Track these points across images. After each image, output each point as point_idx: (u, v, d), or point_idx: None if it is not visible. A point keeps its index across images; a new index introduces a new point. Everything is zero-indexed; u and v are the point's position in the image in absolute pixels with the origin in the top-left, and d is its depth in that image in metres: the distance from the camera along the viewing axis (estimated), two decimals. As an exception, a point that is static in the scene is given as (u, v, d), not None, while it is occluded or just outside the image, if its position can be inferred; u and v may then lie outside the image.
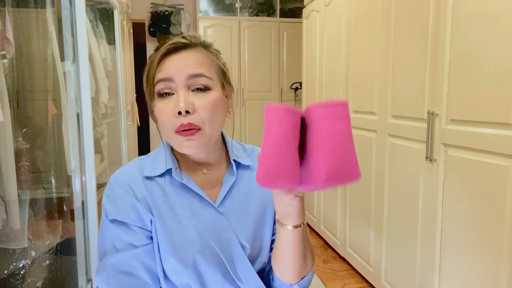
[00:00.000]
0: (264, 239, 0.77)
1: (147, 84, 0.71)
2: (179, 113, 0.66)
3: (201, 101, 0.67)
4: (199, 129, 0.67)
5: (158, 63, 0.69)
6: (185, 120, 0.66)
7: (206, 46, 0.73)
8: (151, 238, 0.72)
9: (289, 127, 0.52)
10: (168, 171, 0.74)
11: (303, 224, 0.66)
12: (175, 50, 0.69)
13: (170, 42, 0.70)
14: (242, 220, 0.76)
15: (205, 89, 0.69)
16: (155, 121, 0.72)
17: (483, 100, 1.32)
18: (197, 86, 0.68)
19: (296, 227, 0.65)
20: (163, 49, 0.69)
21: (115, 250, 0.69)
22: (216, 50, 0.75)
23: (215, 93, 0.70)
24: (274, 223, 0.79)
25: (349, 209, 2.43)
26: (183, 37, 0.71)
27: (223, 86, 0.73)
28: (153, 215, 0.71)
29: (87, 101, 1.77)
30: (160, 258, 0.71)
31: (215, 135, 0.72)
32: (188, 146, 0.68)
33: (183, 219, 0.72)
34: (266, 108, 0.53)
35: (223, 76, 0.74)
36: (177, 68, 0.68)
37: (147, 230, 0.71)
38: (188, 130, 0.67)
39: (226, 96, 0.74)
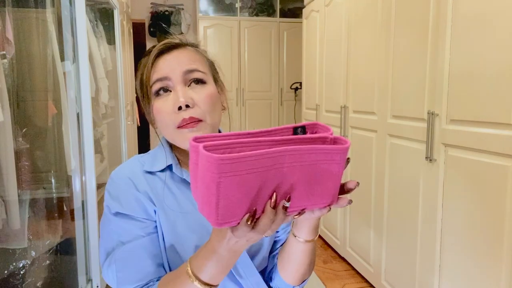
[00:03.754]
0: None
1: (141, 87, 0.72)
2: (179, 108, 0.67)
3: (199, 94, 0.69)
4: (201, 120, 0.68)
5: (152, 64, 0.70)
6: (186, 114, 0.67)
7: (194, 46, 0.76)
8: (156, 227, 0.72)
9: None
10: (169, 167, 0.75)
11: (315, 239, 0.68)
12: (167, 50, 0.71)
13: (162, 42, 0.71)
14: None
15: (201, 82, 0.70)
16: (152, 123, 0.73)
17: (483, 100, 1.32)
18: (193, 78, 0.70)
19: (308, 241, 0.67)
20: (155, 50, 0.70)
21: (121, 243, 0.70)
22: (203, 50, 0.78)
23: (210, 87, 0.71)
24: None
25: (349, 209, 2.43)
26: (172, 38, 0.74)
27: (215, 81, 0.75)
28: (156, 207, 0.72)
29: (87, 101, 1.77)
30: (165, 249, 0.72)
31: (216, 127, 0.73)
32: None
33: (184, 213, 0.73)
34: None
35: (215, 71, 0.76)
36: (172, 66, 0.69)
37: (151, 221, 0.72)
38: (190, 123, 0.67)
39: (218, 92, 0.76)
